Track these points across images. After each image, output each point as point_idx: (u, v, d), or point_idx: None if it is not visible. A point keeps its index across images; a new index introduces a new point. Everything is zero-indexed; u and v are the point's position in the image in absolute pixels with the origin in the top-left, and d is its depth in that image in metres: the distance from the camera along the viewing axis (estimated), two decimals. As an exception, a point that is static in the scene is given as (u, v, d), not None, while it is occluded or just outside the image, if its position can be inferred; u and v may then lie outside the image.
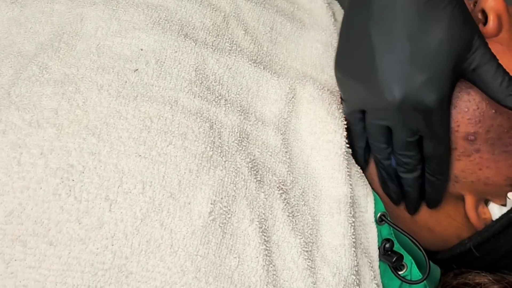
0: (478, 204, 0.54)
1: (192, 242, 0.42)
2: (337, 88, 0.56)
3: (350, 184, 0.51)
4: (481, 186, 0.52)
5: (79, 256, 0.41)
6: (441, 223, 0.56)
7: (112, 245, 0.42)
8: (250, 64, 0.53)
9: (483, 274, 0.54)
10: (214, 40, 0.54)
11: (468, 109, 0.50)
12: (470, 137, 0.50)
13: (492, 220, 0.54)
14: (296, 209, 0.48)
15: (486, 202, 0.54)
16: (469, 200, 0.53)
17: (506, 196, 0.52)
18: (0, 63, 0.50)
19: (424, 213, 0.55)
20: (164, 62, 0.50)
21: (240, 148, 0.48)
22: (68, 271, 0.41)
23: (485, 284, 0.53)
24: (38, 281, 0.41)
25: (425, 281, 0.52)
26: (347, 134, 0.52)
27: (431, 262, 0.52)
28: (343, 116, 0.53)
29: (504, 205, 0.53)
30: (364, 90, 0.48)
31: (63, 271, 0.41)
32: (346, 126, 0.53)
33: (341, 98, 0.54)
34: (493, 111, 0.50)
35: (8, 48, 0.52)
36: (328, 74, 0.58)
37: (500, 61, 0.48)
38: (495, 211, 0.54)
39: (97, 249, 0.41)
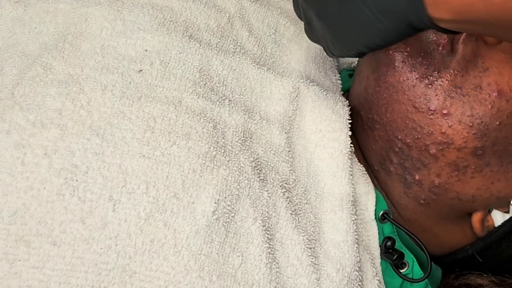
0: (486, 215, 0.53)
1: (196, 241, 0.41)
2: (339, 92, 0.55)
3: (352, 183, 0.49)
4: (493, 200, 0.51)
5: (83, 256, 0.40)
6: (451, 234, 0.55)
7: (116, 245, 0.40)
8: (254, 65, 0.52)
9: (485, 275, 0.53)
10: (219, 42, 0.53)
11: (472, 123, 0.48)
12: (479, 151, 0.49)
13: (494, 227, 0.53)
14: (298, 207, 0.47)
15: (489, 210, 0.53)
16: (479, 214, 0.52)
17: (509, 203, 0.51)
18: (4, 63, 0.49)
19: (436, 221, 0.54)
20: (168, 63, 0.48)
21: (244, 148, 0.47)
22: (72, 271, 0.40)
23: (486, 286, 0.52)
24: (42, 281, 0.39)
25: (426, 280, 0.51)
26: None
27: (432, 263, 0.51)
28: (348, 114, 0.52)
29: (507, 212, 0.52)
30: None
31: (67, 271, 0.40)
32: (350, 125, 0.51)
33: None
34: (497, 123, 0.48)
35: (12, 48, 0.50)
36: (331, 80, 0.57)
37: (501, 70, 0.47)
38: (498, 217, 0.53)
39: (101, 249, 0.40)
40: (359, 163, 0.52)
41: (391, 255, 0.50)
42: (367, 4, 0.40)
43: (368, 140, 0.55)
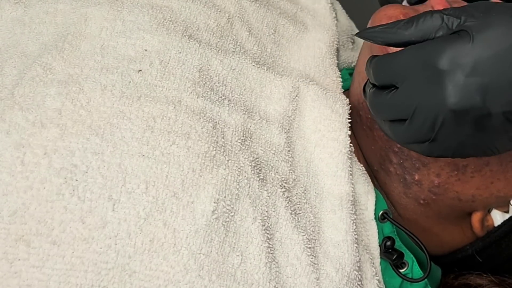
0: (485, 215, 0.53)
1: (195, 240, 0.41)
2: (339, 91, 0.55)
3: (352, 183, 0.49)
4: (493, 199, 0.51)
5: (83, 255, 0.40)
6: (450, 233, 0.55)
7: (116, 244, 0.40)
8: (253, 65, 0.52)
9: (484, 275, 0.53)
10: (218, 41, 0.53)
11: None
12: None
13: (494, 227, 0.53)
14: (298, 207, 0.46)
15: (489, 210, 0.53)
16: (478, 214, 0.52)
17: (509, 203, 0.51)
18: (4, 63, 0.49)
19: (436, 221, 0.54)
20: (168, 63, 0.48)
21: (243, 147, 0.46)
22: (72, 271, 0.40)
23: (486, 286, 0.51)
24: (42, 280, 0.39)
25: (426, 280, 0.50)
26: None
27: (432, 262, 0.51)
28: (348, 114, 0.52)
29: (507, 211, 0.52)
30: None
31: (66, 271, 0.40)
32: (350, 125, 0.51)
33: None
34: None
35: (12, 48, 0.50)
36: (331, 78, 0.56)
37: None
38: (497, 217, 0.52)
39: (101, 248, 0.40)
40: (358, 163, 0.52)
41: (390, 254, 0.49)
42: None
43: (368, 140, 0.54)
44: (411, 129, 0.41)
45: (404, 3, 0.54)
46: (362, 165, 0.52)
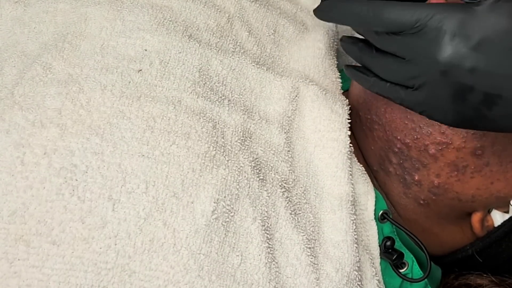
0: (485, 215, 0.53)
1: (195, 240, 0.41)
2: (339, 91, 0.55)
3: (352, 183, 0.49)
4: (493, 200, 0.51)
5: (82, 255, 0.40)
6: (450, 234, 0.55)
7: (115, 244, 0.40)
8: (253, 65, 0.52)
9: (485, 275, 0.53)
10: (218, 41, 0.53)
11: None
12: (478, 151, 0.48)
13: (494, 227, 0.53)
14: (298, 207, 0.46)
15: (489, 210, 0.53)
16: (478, 214, 0.52)
17: (509, 203, 0.51)
18: (4, 63, 0.49)
19: (435, 221, 0.54)
20: (168, 63, 0.48)
21: (243, 147, 0.46)
22: (71, 271, 0.40)
23: (486, 286, 0.51)
24: (42, 280, 0.39)
25: (426, 280, 0.50)
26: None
27: (432, 262, 0.51)
28: (347, 114, 0.52)
29: (507, 212, 0.52)
30: None
31: (66, 271, 0.39)
32: (349, 125, 0.51)
33: None
34: None
35: (12, 47, 0.50)
36: (330, 79, 0.56)
37: None
38: (497, 217, 0.52)
39: (100, 248, 0.40)
40: (358, 163, 0.52)
41: (390, 255, 0.50)
42: None
43: (367, 141, 0.54)
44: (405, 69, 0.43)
45: None
46: (361, 165, 0.52)
